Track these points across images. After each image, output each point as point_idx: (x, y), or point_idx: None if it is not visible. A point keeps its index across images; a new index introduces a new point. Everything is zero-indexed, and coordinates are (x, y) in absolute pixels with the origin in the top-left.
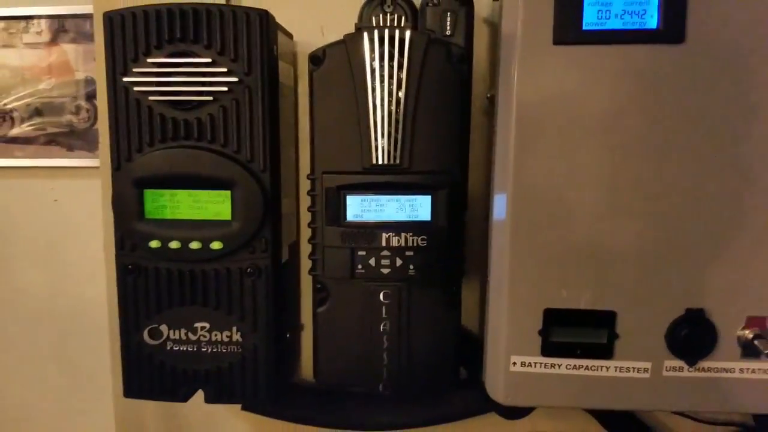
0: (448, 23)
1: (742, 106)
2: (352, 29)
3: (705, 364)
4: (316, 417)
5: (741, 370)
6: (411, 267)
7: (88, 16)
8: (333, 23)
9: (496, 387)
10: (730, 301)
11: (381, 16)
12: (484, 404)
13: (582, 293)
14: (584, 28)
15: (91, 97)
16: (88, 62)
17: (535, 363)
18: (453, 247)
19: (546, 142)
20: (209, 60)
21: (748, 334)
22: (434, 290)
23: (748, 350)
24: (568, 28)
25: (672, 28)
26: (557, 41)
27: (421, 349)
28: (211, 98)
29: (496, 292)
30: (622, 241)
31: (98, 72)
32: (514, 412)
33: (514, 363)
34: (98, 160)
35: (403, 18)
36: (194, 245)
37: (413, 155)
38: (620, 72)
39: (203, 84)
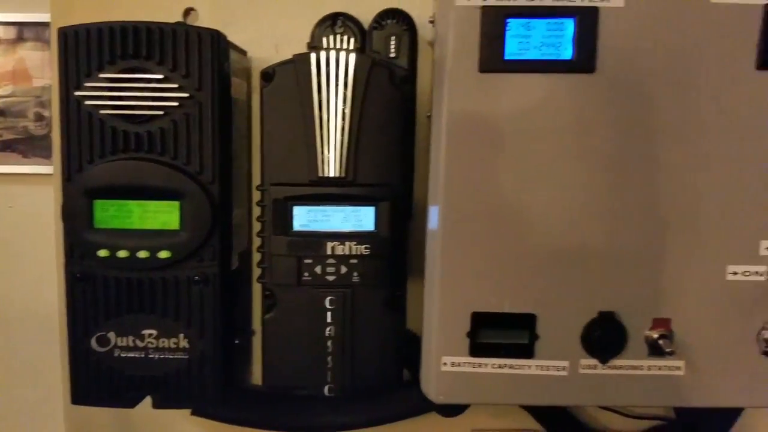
0: (393, 46)
1: (646, 128)
2: (304, 47)
3: (616, 362)
4: (264, 420)
5: (648, 368)
6: (355, 274)
7: (47, 24)
8: (287, 41)
9: (430, 386)
10: (638, 304)
11: (331, 36)
12: (425, 404)
13: (506, 298)
14: (506, 57)
15: (49, 104)
16: (48, 70)
17: (464, 363)
18: (396, 254)
19: (473, 160)
20: (161, 76)
21: (654, 334)
22: (378, 296)
23: (654, 349)
24: (492, 57)
25: (584, 59)
26: (483, 69)
27: (364, 352)
28: (162, 113)
29: (429, 296)
30: (540, 250)
31: (53, 83)
32: (450, 410)
33: (445, 363)
34: (53, 167)
35: (352, 39)
36: (142, 254)
37: (358, 168)
38: (539, 98)
39: (155, 99)
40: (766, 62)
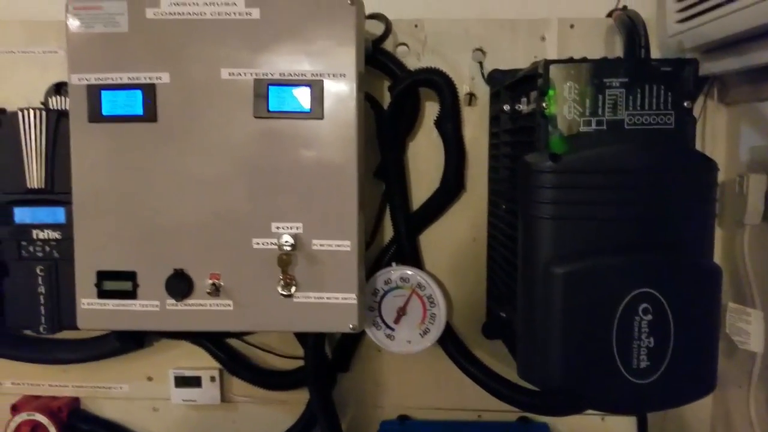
0: None
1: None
2: None
3: (189, 301)
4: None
5: (210, 305)
6: (55, 252)
7: None
8: None
9: (78, 319)
10: (200, 264)
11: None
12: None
13: (116, 259)
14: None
15: None
16: None
17: (94, 303)
18: None
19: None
20: None
21: (210, 282)
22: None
23: (211, 293)
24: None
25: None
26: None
27: (69, 297)
28: None
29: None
30: (139, 230)
31: None
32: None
33: (84, 303)
34: None
35: None
36: None
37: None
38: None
39: None
40: (258, 113)
